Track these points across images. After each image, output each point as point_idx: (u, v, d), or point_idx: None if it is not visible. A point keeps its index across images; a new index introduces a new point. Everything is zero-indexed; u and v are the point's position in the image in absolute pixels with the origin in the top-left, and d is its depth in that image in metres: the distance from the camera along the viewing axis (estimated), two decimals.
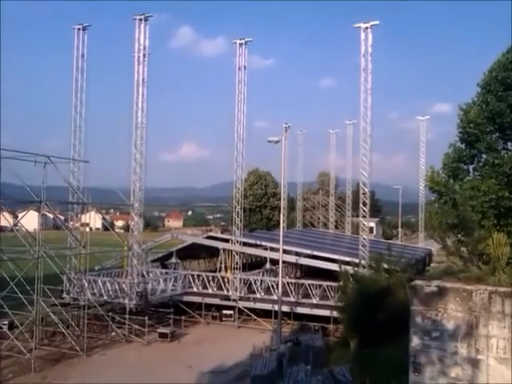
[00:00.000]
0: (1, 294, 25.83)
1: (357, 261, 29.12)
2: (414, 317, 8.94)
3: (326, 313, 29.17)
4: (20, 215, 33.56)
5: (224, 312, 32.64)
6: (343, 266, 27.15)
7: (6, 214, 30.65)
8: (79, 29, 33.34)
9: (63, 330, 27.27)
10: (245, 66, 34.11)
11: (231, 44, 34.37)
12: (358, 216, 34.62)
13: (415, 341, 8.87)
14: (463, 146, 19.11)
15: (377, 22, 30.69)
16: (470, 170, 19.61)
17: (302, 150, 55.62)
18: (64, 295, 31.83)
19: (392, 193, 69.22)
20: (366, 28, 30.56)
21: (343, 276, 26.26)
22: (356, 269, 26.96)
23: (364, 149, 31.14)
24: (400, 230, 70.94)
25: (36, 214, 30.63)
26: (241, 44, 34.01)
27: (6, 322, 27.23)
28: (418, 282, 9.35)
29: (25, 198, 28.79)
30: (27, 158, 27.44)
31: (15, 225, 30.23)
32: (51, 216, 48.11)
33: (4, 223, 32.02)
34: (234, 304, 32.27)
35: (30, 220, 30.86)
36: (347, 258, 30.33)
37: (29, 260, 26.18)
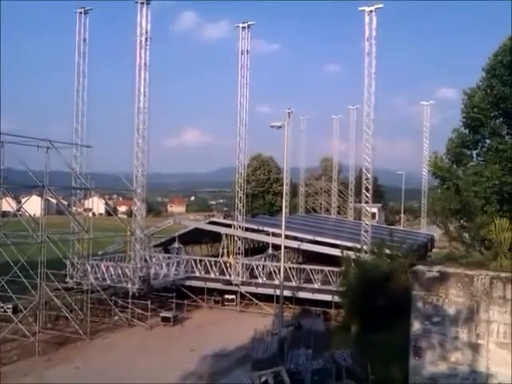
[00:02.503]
0: (5, 278, 26.02)
1: (359, 246, 29.14)
2: (415, 302, 8.96)
3: (327, 297, 29.28)
4: (23, 200, 33.63)
5: (226, 296, 32.84)
6: (345, 252, 27.18)
7: (9, 199, 30.71)
8: (81, 12, 32.95)
9: (66, 314, 27.45)
10: (247, 51, 33.84)
11: (235, 28, 34.02)
12: (360, 201, 34.57)
13: (416, 325, 8.90)
14: (467, 131, 18.97)
15: (381, 6, 30.31)
16: (474, 155, 19.51)
17: (304, 136, 55.62)
18: (67, 279, 31.94)
19: (395, 178, 69.01)
20: (371, 11, 30.21)
21: (345, 261, 26.31)
22: (358, 254, 27.01)
23: (367, 134, 30.98)
24: (402, 215, 70.91)
25: (39, 199, 30.68)
26: (244, 28, 33.66)
27: (10, 306, 27.37)
28: (419, 267, 9.35)
29: (28, 183, 28.82)
30: (30, 142, 27.41)
31: (18, 210, 30.30)
32: (54, 201, 48.17)
33: (7, 208, 32.14)
34: (236, 289, 32.44)
35: (33, 205, 30.96)
36: (349, 244, 30.31)
37: (32, 244, 26.32)
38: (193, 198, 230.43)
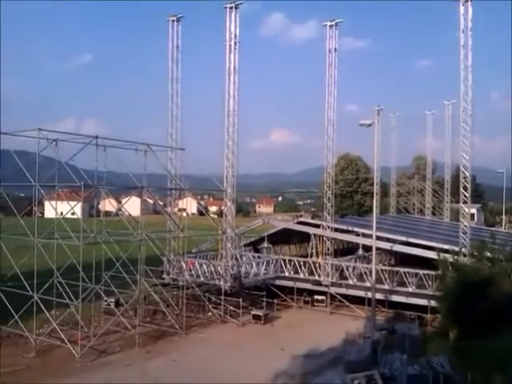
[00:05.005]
0: (108, 274, 27.87)
1: (457, 249, 27.73)
2: None
3: (422, 302, 28.08)
4: (123, 201, 35.79)
5: (316, 297, 32.61)
6: (442, 254, 26.00)
7: (112, 200, 32.82)
8: (173, 20, 34.35)
9: (164, 309, 28.84)
10: (335, 49, 33.42)
11: (322, 27, 33.77)
12: (457, 202, 32.85)
13: None
14: None
15: None
16: None
17: (395, 133, 53.92)
18: (164, 276, 33.42)
19: (495, 177, 64.66)
20: (466, 1, 28.70)
21: (442, 264, 25.17)
22: (456, 257, 25.72)
23: (464, 130, 29.48)
24: (504, 216, 66.40)
25: (138, 199, 32.50)
26: (331, 26, 33.28)
27: (113, 300, 29.20)
28: None
29: (127, 185, 30.63)
30: (129, 146, 29.11)
31: (119, 209, 32.31)
32: (151, 201, 50.82)
33: (110, 208, 34.42)
34: (325, 290, 32.16)
35: (132, 205, 32.87)
36: (446, 246, 28.98)
37: (132, 242, 27.82)
38: (280, 199, 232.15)
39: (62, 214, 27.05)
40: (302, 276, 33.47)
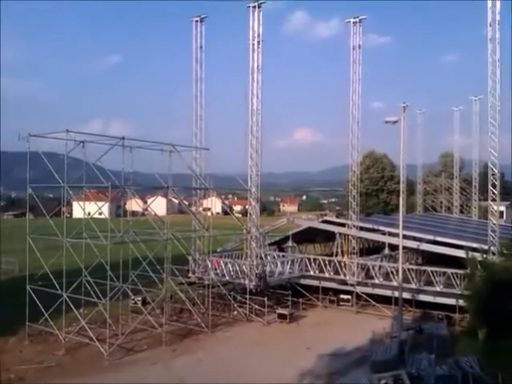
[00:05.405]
0: (135, 273, 28.24)
1: (485, 247, 27.19)
2: None
3: (450, 301, 27.66)
4: (149, 201, 36.16)
5: (341, 296, 32.43)
6: (470, 253, 25.52)
7: (138, 200, 33.21)
8: (197, 21, 34.51)
9: (190, 308, 29.11)
10: (359, 45, 33.08)
11: (346, 24, 33.50)
12: (485, 199, 32.20)
13: None
14: None
15: None
16: None
17: (421, 130, 53.21)
18: (190, 275, 33.66)
19: None
20: None
21: (471, 263, 24.72)
22: (485, 255, 25.23)
23: (493, 126, 28.82)
24: None
25: (163, 199, 32.81)
26: (355, 23, 32.99)
27: (140, 298, 29.60)
28: None
29: (153, 185, 30.95)
30: (154, 147, 29.41)
31: (145, 209, 32.67)
32: (176, 201, 51.26)
33: (136, 208, 34.84)
34: (351, 289, 31.93)
35: (158, 205, 33.22)
36: (474, 244, 28.42)
37: (158, 242, 28.11)
38: (304, 197, 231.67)
39: (89, 214, 27.53)
40: (327, 275, 33.31)
